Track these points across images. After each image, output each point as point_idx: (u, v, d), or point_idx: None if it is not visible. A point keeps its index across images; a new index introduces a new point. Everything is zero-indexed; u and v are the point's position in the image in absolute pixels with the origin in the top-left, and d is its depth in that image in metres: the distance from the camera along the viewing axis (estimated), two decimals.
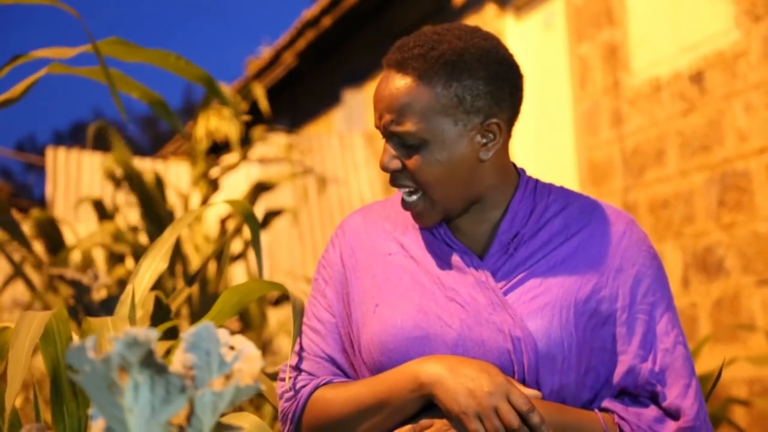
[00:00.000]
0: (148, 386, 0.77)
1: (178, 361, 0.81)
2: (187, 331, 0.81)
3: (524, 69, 1.56)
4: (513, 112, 1.51)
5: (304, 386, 1.52)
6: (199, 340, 0.81)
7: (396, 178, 1.49)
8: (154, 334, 0.75)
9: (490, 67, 1.46)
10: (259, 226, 1.86)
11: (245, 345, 0.83)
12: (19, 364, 1.44)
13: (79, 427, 1.52)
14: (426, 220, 1.50)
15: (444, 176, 1.46)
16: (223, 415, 1.63)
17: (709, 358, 4.04)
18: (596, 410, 1.47)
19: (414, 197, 1.49)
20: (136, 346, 0.75)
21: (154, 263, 1.79)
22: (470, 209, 1.52)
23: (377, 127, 1.49)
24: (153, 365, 0.76)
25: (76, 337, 1.65)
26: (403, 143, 1.46)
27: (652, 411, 1.47)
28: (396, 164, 1.47)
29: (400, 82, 1.45)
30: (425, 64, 1.44)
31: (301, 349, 1.56)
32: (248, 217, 1.83)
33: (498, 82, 1.46)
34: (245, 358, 0.82)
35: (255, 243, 1.86)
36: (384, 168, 1.48)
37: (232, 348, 0.83)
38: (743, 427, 4.37)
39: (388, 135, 1.47)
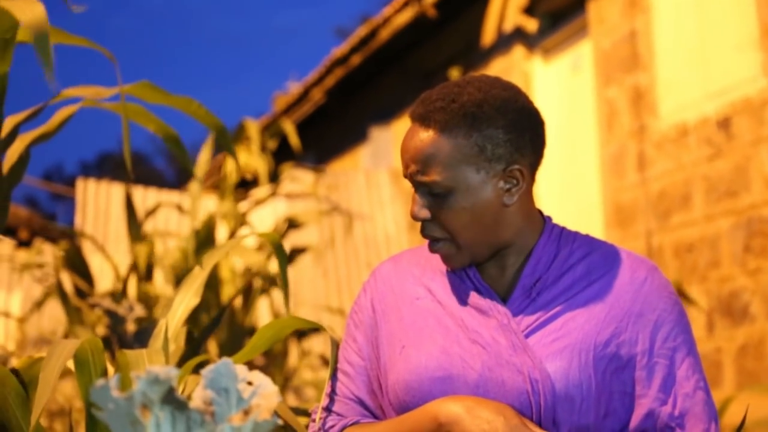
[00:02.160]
0: (169, 422, 0.79)
1: (198, 398, 0.83)
2: (207, 368, 0.83)
3: (551, 111, 1.61)
4: (535, 158, 1.56)
5: (332, 426, 1.58)
6: (218, 376, 0.83)
7: (425, 228, 1.55)
8: (175, 372, 0.78)
9: (509, 116, 1.51)
10: (286, 257, 1.90)
11: (263, 381, 0.86)
12: (46, 386, 1.47)
13: None
14: (454, 263, 1.56)
15: (470, 222, 1.51)
16: None
17: (735, 404, 4.01)
18: None
19: (440, 243, 1.54)
20: (158, 383, 0.77)
21: (187, 297, 1.83)
22: (496, 254, 1.57)
23: (405, 176, 1.56)
24: (174, 402, 0.78)
25: (110, 368, 1.69)
26: (430, 192, 1.52)
27: None
28: (425, 213, 1.53)
29: (423, 135, 1.51)
30: (446, 116, 1.50)
31: (332, 391, 1.62)
32: (277, 249, 1.87)
33: (518, 130, 1.52)
34: (263, 394, 0.84)
35: (283, 273, 1.90)
36: (414, 217, 1.54)
37: (249, 383, 0.86)
38: None
39: (416, 185, 1.54)
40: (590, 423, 1.48)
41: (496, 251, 1.56)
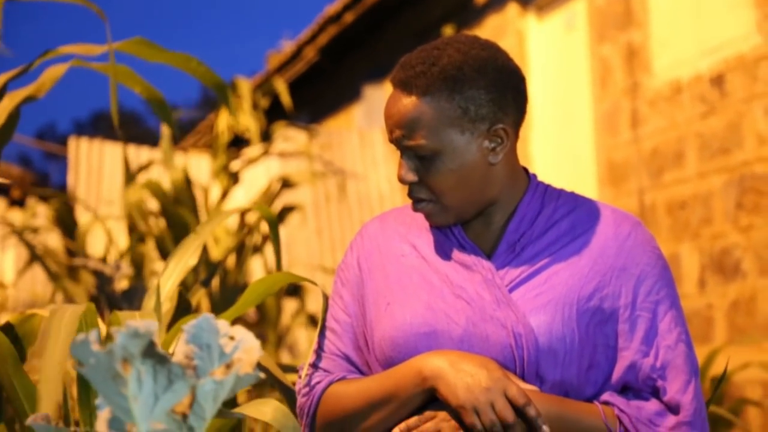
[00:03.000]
0: (150, 376, 0.80)
1: (179, 352, 0.84)
2: (188, 323, 0.84)
3: (545, 69, 1.61)
4: (518, 115, 1.57)
5: (318, 382, 1.59)
6: (199, 331, 0.84)
7: (412, 190, 1.56)
8: (155, 326, 0.78)
9: (490, 76, 1.52)
10: (278, 231, 1.91)
11: (244, 335, 0.86)
12: (54, 363, 1.43)
13: None
14: (438, 221, 1.57)
15: (457, 183, 1.53)
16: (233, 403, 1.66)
17: (724, 359, 4.04)
18: (597, 403, 1.51)
19: (425, 203, 1.56)
20: (138, 337, 0.78)
21: (184, 259, 1.84)
22: (482, 212, 1.59)
23: (390, 141, 1.57)
24: (155, 356, 0.79)
25: (103, 328, 1.70)
26: (416, 155, 1.53)
27: (653, 405, 1.51)
28: (412, 176, 1.54)
29: (406, 100, 1.52)
30: (427, 80, 1.51)
31: (319, 347, 1.64)
32: (270, 223, 1.88)
33: (499, 89, 1.52)
34: (245, 348, 0.85)
35: (275, 244, 1.91)
36: (401, 180, 1.55)
37: (231, 338, 0.86)
38: (756, 428, 4.37)
39: (402, 149, 1.55)
40: (573, 376, 1.50)
41: (482, 209, 1.57)
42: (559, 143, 6.24)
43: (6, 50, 1.92)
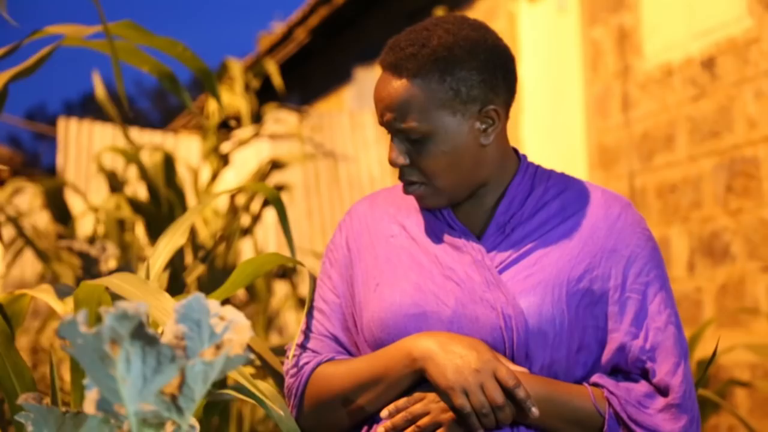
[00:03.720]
0: (139, 357, 0.79)
1: (169, 332, 0.83)
2: (179, 302, 0.83)
3: (536, 52, 1.60)
4: (508, 96, 1.56)
5: (307, 363, 1.58)
6: (189, 311, 0.83)
7: (404, 173, 1.55)
8: (144, 307, 0.78)
9: (481, 57, 1.51)
10: (284, 209, 1.90)
11: (235, 315, 0.86)
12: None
13: None
14: (429, 203, 1.56)
15: (449, 166, 1.52)
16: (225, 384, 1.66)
17: (712, 342, 4.06)
18: (586, 384, 1.51)
19: (417, 186, 1.55)
20: (127, 318, 0.77)
21: (174, 239, 1.83)
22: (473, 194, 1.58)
23: (380, 124, 1.55)
24: (144, 337, 0.79)
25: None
26: (407, 138, 1.52)
27: (642, 386, 1.51)
28: (403, 159, 1.53)
29: (396, 83, 1.51)
30: (418, 63, 1.49)
31: (307, 328, 1.63)
32: (275, 201, 1.87)
33: (490, 70, 1.51)
34: (235, 329, 0.85)
35: (284, 224, 1.91)
36: (392, 163, 1.54)
37: (222, 318, 0.86)
38: (745, 410, 4.39)
39: (393, 132, 1.54)
40: (562, 357, 1.50)
41: (474, 191, 1.57)
42: (549, 126, 6.23)
43: (11, 20, 1.88)
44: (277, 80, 5.34)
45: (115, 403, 0.82)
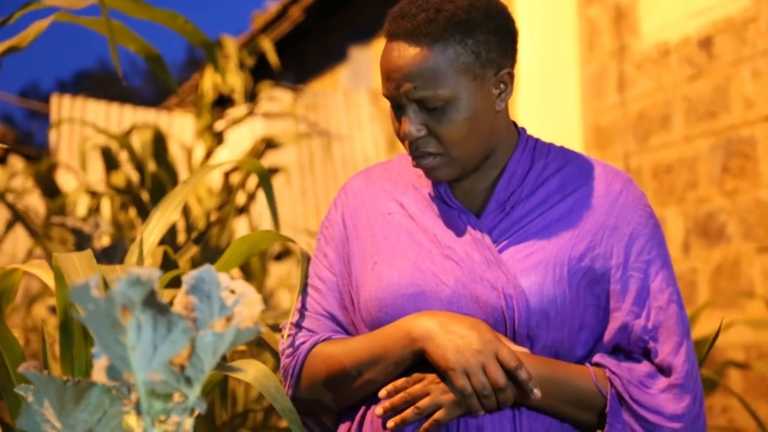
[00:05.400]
0: (150, 325, 0.78)
1: (179, 303, 0.82)
2: (189, 274, 0.82)
3: (533, 30, 1.59)
4: (515, 61, 1.54)
5: (303, 342, 1.55)
6: (200, 282, 0.82)
7: (419, 145, 1.49)
8: (156, 273, 0.76)
9: (496, 19, 1.49)
10: (271, 187, 1.88)
11: (246, 289, 0.85)
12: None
13: (87, 369, 1.54)
14: (442, 175, 1.51)
15: (469, 133, 1.47)
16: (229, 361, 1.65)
17: (708, 323, 4.06)
18: (588, 364, 1.49)
19: (431, 158, 1.50)
20: (139, 285, 0.76)
21: (166, 214, 1.81)
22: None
23: (390, 96, 1.49)
24: (155, 305, 0.77)
25: None
26: (425, 108, 1.47)
27: (644, 366, 1.49)
28: (422, 130, 1.48)
29: (413, 50, 1.45)
30: (437, 27, 1.45)
31: (303, 306, 1.59)
32: (263, 178, 1.85)
33: (504, 33, 1.49)
34: (246, 302, 0.83)
35: (270, 202, 1.88)
36: (410, 136, 1.47)
37: (232, 292, 0.84)
38: (739, 391, 4.41)
39: (408, 103, 1.47)
40: (564, 337, 1.48)
41: (483, 161, 1.53)
42: (545, 106, 6.22)
43: None
44: (272, 57, 5.32)
45: (123, 372, 0.81)
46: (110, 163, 4.14)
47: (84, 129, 6.74)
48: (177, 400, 0.84)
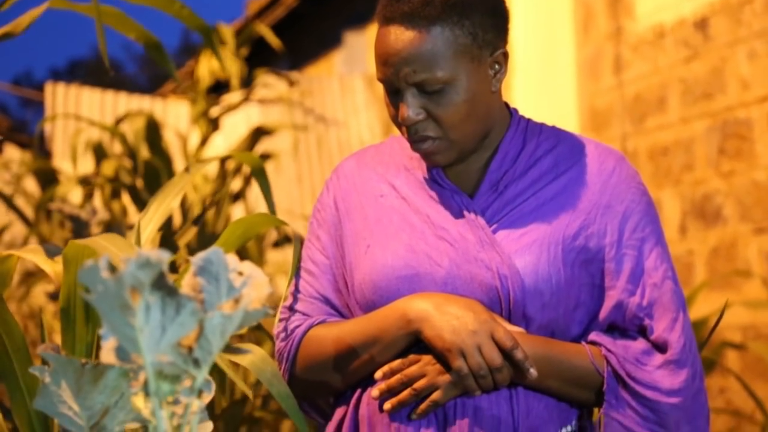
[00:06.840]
0: (159, 307, 0.78)
1: (187, 285, 0.82)
2: (197, 256, 0.82)
3: (528, 12, 1.59)
4: (506, 42, 1.53)
5: (298, 326, 1.55)
6: (208, 264, 0.82)
7: (418, 129, 1.48)
8: (166, 255, 0.76)
9: (490, 0, 1.49)
10: (266, 178, 1.88)
11: (254, 271, 0.85)
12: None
13: (88, 352, 1.55)
14: (441, 159, 1.51)
15: (468, 115, 1.47)
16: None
17: (705, 304, 4.08)
18: (584, 343, 1.50)
19: (430, 141, 1.49)
20: (149, 266, 0.76)
21: (165, 203, 1.81)
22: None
23: (387, 80, 1.48)
24: (164, 287, 0.77)
25: None
26: (424, 91, 1.46)
27: (640, 344, 1.49)
28: (421, 114, 1.47)
29: (411, 33, 1.45)
30: (434, 9, 1.44)
31: (296, 290, 1.59)
32: (256, 171, 1.85)
33: (498, 13, 1.50)
34: (254, 284, 0.83)
35: (265, 193, 1.88)
36: (409, 120, 1.47)
37: (240, 274, 0.84)
38: (737, 371, 4.42)
39: (407, 86, 1.47)
40: (560, 316, 1.48)
41: (479, 144, 1.53)
42: (540, 89, 6.21)
43: None
44: (273, 40, 5.30)
45: (132, 353, 0.81)
46: (101, 155, 4.13)
47: (79, 116, 6.72)
48: (187, 385, 0.84)
